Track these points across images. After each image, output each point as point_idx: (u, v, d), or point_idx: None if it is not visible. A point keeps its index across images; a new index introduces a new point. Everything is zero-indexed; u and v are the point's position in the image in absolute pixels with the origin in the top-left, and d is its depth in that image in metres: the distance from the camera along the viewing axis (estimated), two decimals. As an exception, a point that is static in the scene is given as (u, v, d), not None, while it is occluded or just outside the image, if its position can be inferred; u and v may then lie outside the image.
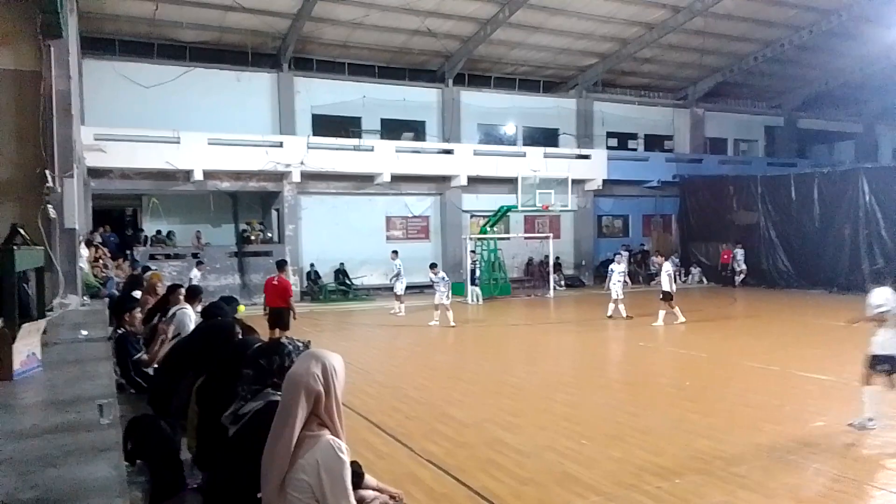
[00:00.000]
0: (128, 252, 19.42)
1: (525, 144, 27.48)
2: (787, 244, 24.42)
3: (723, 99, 32.72)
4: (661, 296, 16.01)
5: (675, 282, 17.49)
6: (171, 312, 6.87)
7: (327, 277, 23.64)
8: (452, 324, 16.07)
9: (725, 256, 26.31)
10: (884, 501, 5.25)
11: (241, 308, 17.53)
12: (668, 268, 16.26)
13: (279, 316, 11.90)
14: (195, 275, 19.33)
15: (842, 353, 11.66)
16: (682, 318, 15.72)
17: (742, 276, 25.31)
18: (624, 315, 16.80)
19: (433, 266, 17.70)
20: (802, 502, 5.23)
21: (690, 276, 27.53)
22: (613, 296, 17.09)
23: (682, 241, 29.03)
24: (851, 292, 21.49)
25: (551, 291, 24.09)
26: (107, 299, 9.28)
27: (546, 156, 25.81)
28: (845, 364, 10.53)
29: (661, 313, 15.69)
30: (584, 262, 28.28)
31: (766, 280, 24.88)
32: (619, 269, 17.37)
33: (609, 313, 17.01)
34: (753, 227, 25.46)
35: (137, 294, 8.67)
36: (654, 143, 31.00)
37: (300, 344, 3.06)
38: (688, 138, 31.42)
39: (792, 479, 5.69)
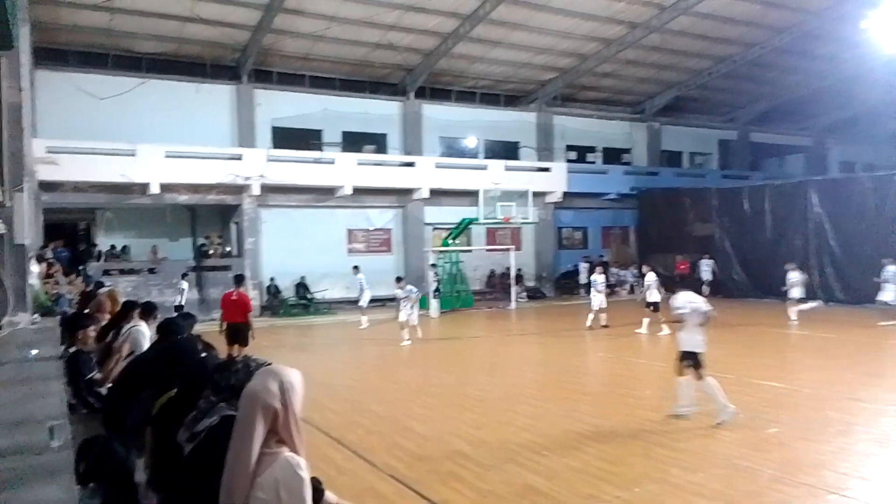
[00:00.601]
0: (80, 267, 18.94)
1: (486, 157, 27.68)
2: (741, 255, 25.02)
3: (679, 113, 33.52)
4: (649, 306, 15.97)
5: (635, 292, 17.64)
6: (124, 330, 6.71)
7: (288, 291, 23.38)
8: (417, 336, 15.85)
9: (682, 267, 26.81)
10: (836, 506, 5.41)
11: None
12: (651, 278, 16.26)
13: (238, 332, 11.71)
14: (184, 286, 19.18)
15: (794, 361, 12.03)
16: (644, 330, 15.93)
17: (707, 287, 24.63)
18: (588, 324, 17.12)
19: (399, 280, 17.08)
20: (757, 508, 5.36)
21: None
22: (596, 306, 17.14)
23: (641, 253, 29.52)
24: (804, 301, 22.15)
25: (513, 303, 24.25)
26: (59, 317, 9.03)
27: (507, 168, 26.07)
28: (797, 372, 10.87)
29: (663, 325, 15.53)
30: (545, 274, 28.55)
31: (721, 290, 25.43)
32: (601, 280, 17.58)
33: (603, 323, 17.13)
34: (709, 238, 26.02)
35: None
36: (613, 156, 31.55)
37: (257, 362, 3.01)
38: (645, 151, 32.09)
39: (748, 486, 5.81)
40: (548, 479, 6.08)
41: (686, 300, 8.37)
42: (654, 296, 15.91)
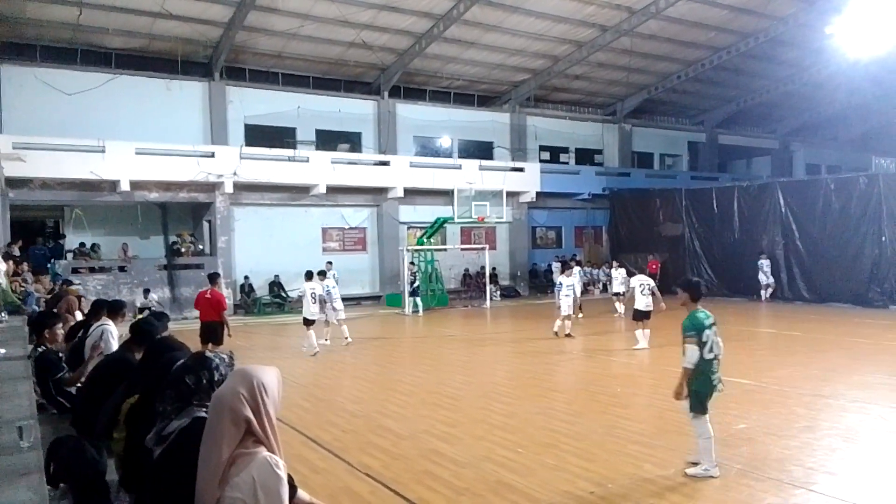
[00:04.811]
0: (48, 265, 18.54)
1: (461, 157, 27.76)
2: (710, 254, 25.47)
3: (649, 115, 33.97)
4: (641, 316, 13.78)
5: (607, 290, 17.25)
6: (92, 329, 6.61)
7: (261, 290, 23.19)
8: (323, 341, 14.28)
9: (653, 266, 27.15)
10: (803, 499, 5.54)
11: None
12: (642, 279, 14.03)
13: (212, 330, 11.62)
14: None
15: (761, 358, 12.26)
16: (565, 330, 14.59)
17: (770, 289, 22.85)
18: (554, 330, 15.40)
19: (316, 274, 14.90)
20: (727, 503, 5.47)
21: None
22: (565, 311, 14.98)
23: (613, 252, 29.89)
24: (770, 300, 22.62)
25: (488, 302, 24.35)
26: (26, 316, 8.85)
27: (481, 168, 26.16)
28: (764, 369, 11.07)
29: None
30: (519, 273, 28.73)
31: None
32: (567, 283, 15.24)
33: (567, 331, 15.21)
34: (679, 238, 26.45)
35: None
36: (585, 156, 31.84)
37: (225, 357, 2.99)
38: (616, 153, 32.46)
39: (717, 481, 5.93)
40: (523, 476, 6.13)
41: (312, 287, 13.62)
42: (642, 302, 13.45)
